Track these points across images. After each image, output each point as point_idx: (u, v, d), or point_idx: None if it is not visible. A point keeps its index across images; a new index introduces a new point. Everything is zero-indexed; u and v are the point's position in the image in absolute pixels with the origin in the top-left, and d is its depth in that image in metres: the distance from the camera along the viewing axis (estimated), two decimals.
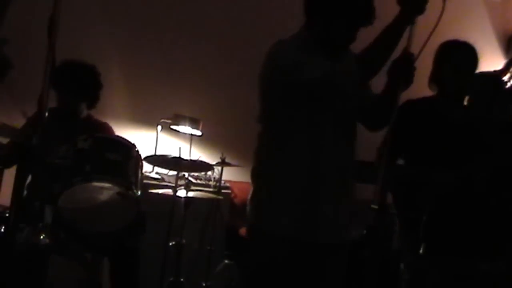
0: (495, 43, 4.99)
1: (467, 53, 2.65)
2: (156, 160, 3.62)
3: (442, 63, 2.66)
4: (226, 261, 3.93)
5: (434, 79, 2.69)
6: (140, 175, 2.85)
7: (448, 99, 2.67)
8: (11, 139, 3.16)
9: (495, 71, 2.82)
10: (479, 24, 4.81)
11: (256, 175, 2.23)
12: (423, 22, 2.02)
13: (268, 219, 2.17)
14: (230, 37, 4.58)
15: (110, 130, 3.38)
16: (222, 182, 4.02)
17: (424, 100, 2.70)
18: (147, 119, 4.32)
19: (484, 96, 2.77)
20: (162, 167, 3.81)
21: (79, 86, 3.19)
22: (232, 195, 4.28)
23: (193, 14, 4.53)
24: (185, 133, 4.28)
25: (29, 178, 2.58)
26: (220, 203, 3.92)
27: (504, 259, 2.46)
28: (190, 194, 3.52)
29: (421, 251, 2.41)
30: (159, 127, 4.24)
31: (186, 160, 3.49)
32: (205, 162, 3.83)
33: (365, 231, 3.24)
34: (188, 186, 3.54)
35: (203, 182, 4.09)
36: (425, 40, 2.04)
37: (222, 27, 4.57)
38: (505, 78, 3.45)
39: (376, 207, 2.01)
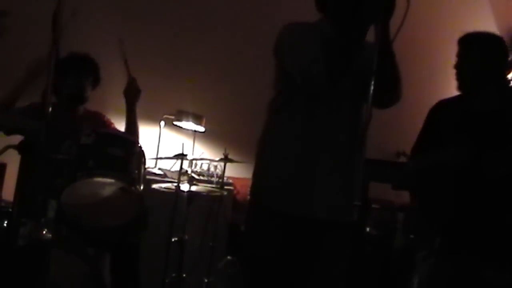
0: None
1: (468, 45, 2.62)
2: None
3: (457, 57, 2.65)
4: (229, 257, 3.93)
5: (456, 74, 2.66)
6: (142, 170, 2.86)
7: (464, 92, 2.64)
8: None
9: None
10: (483, 21, 4.78)
11: (257, 151, 2.19)
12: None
13: (262, 193, 2.14)
14: (234, 33, 4.58)
15: (104, 118, 3.44)
16: (225, 178, 4.02)
17: (454, 97, 2.69)
18: (150, 115, 4.31)
19: None
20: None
21: (84, 66, 3.30)
22: (235, 191, 4.28)
23: (196, 10, 4.53)
24: (188, 129, 4.28)
25: (32, 173, 2.60)
26: (222, 199, 3.92)
27: None
28: (193, 190, 3.53)
29: (437, 246, 2.39)
30: (162, 123, 4.24)
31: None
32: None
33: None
34: (190, 182, 3.54)
35: (205, 178, 4.09)
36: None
37: (226, 23, 4.57)
38: (509, 76, 3.44)
39: (359, 203, 1.98)
